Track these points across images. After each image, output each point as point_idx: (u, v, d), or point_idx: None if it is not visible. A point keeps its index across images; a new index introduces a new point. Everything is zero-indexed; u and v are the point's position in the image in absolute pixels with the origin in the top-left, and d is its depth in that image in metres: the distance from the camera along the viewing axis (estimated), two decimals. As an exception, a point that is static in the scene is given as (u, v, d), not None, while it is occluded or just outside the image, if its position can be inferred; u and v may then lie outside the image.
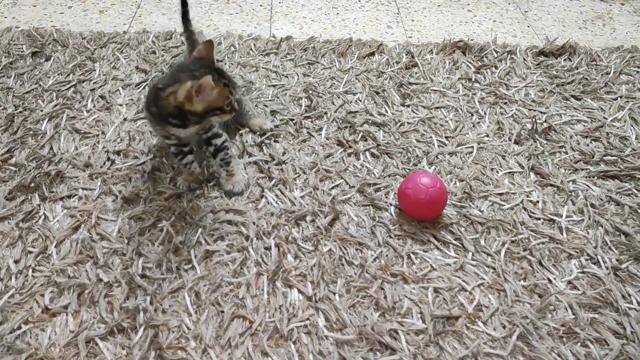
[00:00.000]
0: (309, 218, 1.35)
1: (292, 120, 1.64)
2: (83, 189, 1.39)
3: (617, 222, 1.36)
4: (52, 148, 1.51)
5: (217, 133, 1.39)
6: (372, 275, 1.22)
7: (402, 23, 2.20)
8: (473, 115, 1.70)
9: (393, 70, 1.88)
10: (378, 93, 1.77)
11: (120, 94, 1.72)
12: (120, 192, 1.38)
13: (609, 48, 2.06)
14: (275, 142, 1.56)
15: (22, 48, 1.90)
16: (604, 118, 1.70)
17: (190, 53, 1.53)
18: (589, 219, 1.37)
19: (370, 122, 1.65)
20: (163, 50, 1.91)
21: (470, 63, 1.93)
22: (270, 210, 1.36)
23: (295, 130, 1.60)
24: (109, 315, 1.12)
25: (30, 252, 1.24)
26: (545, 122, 1.68)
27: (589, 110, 1.73)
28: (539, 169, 1.50)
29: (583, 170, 1.51)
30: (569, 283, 1.23)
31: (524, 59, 1.96)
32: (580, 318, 1.15)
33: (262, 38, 2.03)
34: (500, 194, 1.43)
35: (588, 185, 1.46)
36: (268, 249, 1.27)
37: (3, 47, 1.90)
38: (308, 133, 1.60)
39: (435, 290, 1.20)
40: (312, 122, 1.65)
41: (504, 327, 1.13)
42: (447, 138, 1.61)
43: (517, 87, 1.83)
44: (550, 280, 1.23)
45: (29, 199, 1.36)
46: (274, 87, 1.78)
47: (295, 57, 1.92)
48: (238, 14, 2.20)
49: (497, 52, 1.99)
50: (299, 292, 1.18)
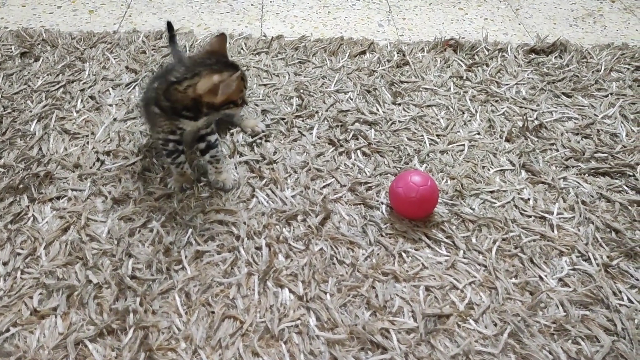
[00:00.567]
0: (300, 217, 1.34)
1: (283, 120, 1.63)
2: (72, 190, 1.38)
3: (607, 219, 1.37)
4: (41, 149, 1.50)
5: (213, 129, 1.39)
6: (363, 274, 1.22)
7: (393, 21, 2.20)
8: (464, 113, 1.70)
9: (384, 69, 1.87)
10: (369, 92, 1.77)
11: (110, 94, 1.71)
12: (110, 192, 1.37)
13: (600, 45, 2.06)
14: (266, 141, 1.56)
15: (10, 48, 1.88)
16: (595, 115, 1.70)
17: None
18: (580, 216, 1.37)
19: (362, 120, 1.65)
20: (153, 50, 1.90)
21: (462, 61, 1.93)
22: (261, 210, 1.35)
23: (287, 130, 1.60)
24: (99, 317, 1.11)
25: (19, 253, 1.22)
26: (536, 119, 1.68)
27: (580, 108, 1.74)
28: (530, 167, 1.51)
29: (574, 168, 1.52)
30: (560, 280, 1.23)
31: (515, 57, 1.96)
32: (571, 315, 1.15)
33: (252, 37, 2.02)
34: (492, 192, 1.43)
35: (579, 183, 1.47)
36: (259, 249, 1.26)
37: (-9, 47, 1.89)
38: (299, 132, 1.60)
39: (427, 289, 1.20)
40: (303, 121, 1.64)
41: (495, 325, 1.13)
42: (438, 136, 1.61)
43: (508, 84, 1.83)
44: (542, 278, 1.23)
45: (18, 201, 1.35)
46: (265, 86, 1.77)
47: (287, 56, 1.92)
48: (229, 13, 2.20)
49: (488, 50, 1.99)
50: (290, 291, 1.18)
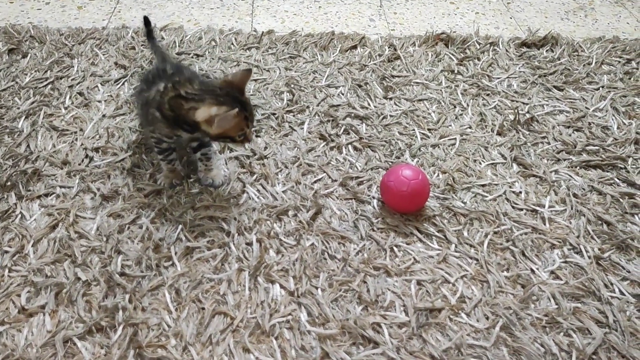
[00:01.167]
0: (291, 213, 1.33)
1: (274, 115, 1.62)
2: (61, 187, 1.37)
3: (599, 211, 1.37)
4: (29, 146, 1.48)
5: None
6: (354, 269, 1.21)
7: (384, 16, 2.19)
8: (456, 107, 1.69)
9: (375, 63, 1.87)
10: (360, 86, 1.76)
11: (99, 91, 1.69)
12: (99, 189, 1.36)
13: (591, 38, 2.06)
14: (257, 136, 1.54)
15: (-2, 45, 1.86)
16: (586, 108, 1.70)
17: (161, 63, 1.45)
18: (572, 209, 1.37)
19: (353, 115, 1.64)
20: (142, 46, 1.89)
21: (453, 55, 1.93)
22: (252, 206, 1.34)
23: (277, 125, 1.59)
24: (87, 315, 1.10)
25: (7, 251, 1.21)
26: (528, 113, 1.68)
27: (571, 101, 1.74)
28: (522, 160, 1.50)
29: (565, 161, 1.51)
30: (552, 273, 1.22)
31: (507, 51, 1.96)
32: (563, 308, 1.15)
33: (243, 32, 2.01)
34: (483, 185, 1.43)
35: (570, 175, 1.46)
36: (250, 245, 1.25)
37: (-22, 44, 1.87)
38: (290, 127, 1.59)
39: (418, 283, 1.19)
40: (294, 116, 1.63)
41: (487, 318, 1.13)
42: (429, 130, 1.60)
43: (499, 78, 1.82)
44: (533, 271, 1.23)
45: (5, 198, 1.33)
46: (256, 81, 1.76)
47: (277, 51, 1.91)
48: (219, 9, 2.18)
49: (479, 43, 1.99)
50: (281, 287, 1.17)
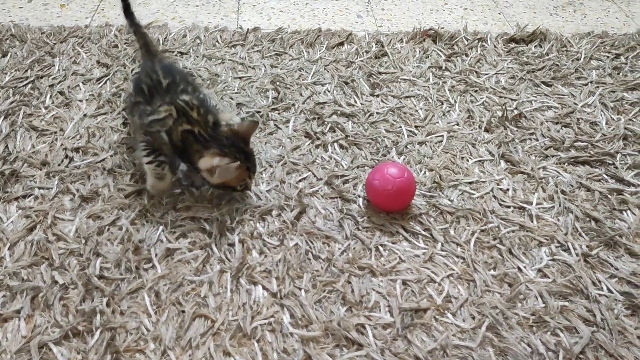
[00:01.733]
0: (275, 212, 1.31)
1: (258, 113, 1.60)
2: (39, 189, 1.34)
3: (587, 208, 1.35)
4: (7, 146, 1.45)
5: None
6: (339, 269, 1.18)
7: (372, 12, 2.16)
8: (443, 104, 1.67)
9: (362, 60, 1.84)
10: (347, 83, 1.74)
11: (81, 90, 1.66)
12: (78, 190, 1.33)
13: (580, 34, 2.05)
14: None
15: (-23, 44, 1.83)
16: (575, 104, 1.68)
17: (142, 47, 1.49)
18: (560, 206, 1.35)
19: (339, 113, 1.61)
20: (126, 44, 1.86)
21: (441, 51, 1.90)
22: (235, 206, 1.31)
23: (262, 123, 1.56)
24: (64, 319, 1.07)
25: (-18, 255, 1.18)
26: (516, 109, 1.66)
27: (560, 97, 1.72)
28: (509, 157, 1.48)
29: (553, 157, 1.49)
30: (539, 271, 1.21)
31: (495, 46, 1.94)
32: (550, 306, 1.13)
33: (228, 30, 1.98)
34: (470, 183, 1.41)
35: (558, 172, 1.45)
36: (232, 246, 1.22)
37: (-42, 43, 1.83)
38: (275, 125, 1.56)
39: (404, 283, 1.17)
40: (279, 114, 1.61)
41: (474, 318, 1.11)
42: (416, 127, 1.58)
43: (487, 74, 1.80)
44: (520, 269, 1.21)
45: (-18, 200, 1.30)
46: (240, 79, 1.73)
47: (263, 48, 1.88)
48: (204, 6, 2.15)
49: (467, 39, 1.97)
50: (264, 288, 1.14)
